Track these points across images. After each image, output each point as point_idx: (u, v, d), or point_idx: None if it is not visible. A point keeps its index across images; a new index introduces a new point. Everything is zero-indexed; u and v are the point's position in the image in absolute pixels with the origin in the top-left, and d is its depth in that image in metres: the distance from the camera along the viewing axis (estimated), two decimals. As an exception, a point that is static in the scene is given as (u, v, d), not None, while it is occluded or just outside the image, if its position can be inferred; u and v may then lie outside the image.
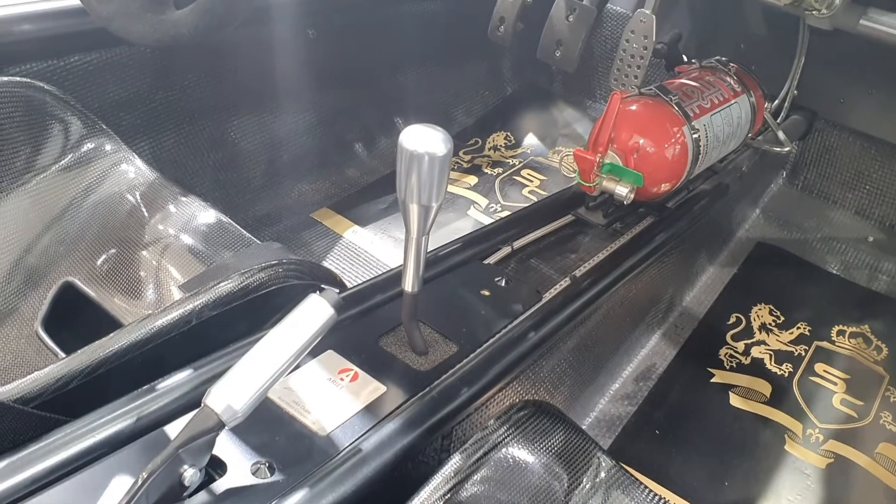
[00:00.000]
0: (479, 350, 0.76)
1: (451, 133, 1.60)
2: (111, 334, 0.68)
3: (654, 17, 1.25)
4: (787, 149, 1.28)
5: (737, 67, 1.22)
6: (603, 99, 1.68)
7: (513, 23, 1.47)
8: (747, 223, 1.43)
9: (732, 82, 1.18)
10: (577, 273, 0.92)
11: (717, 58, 1.25)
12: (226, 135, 1.32)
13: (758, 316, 1.23)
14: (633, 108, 1.03)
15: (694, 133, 1.05)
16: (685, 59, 1.33)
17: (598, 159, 0.98)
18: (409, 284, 0.70)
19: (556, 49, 1.45)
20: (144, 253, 0.99)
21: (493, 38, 1.49)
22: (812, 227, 1.43)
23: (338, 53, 1.42)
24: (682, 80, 1.14)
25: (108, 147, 1.12)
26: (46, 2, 1.12)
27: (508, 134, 1.61)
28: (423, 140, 0.66)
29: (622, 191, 0.99)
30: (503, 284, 0.87)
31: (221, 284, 0.74)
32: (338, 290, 0.82)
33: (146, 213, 1.04)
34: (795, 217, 1.44)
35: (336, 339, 0.73)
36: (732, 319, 1.22)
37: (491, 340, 0.78)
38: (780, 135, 1.31)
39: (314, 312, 0.58)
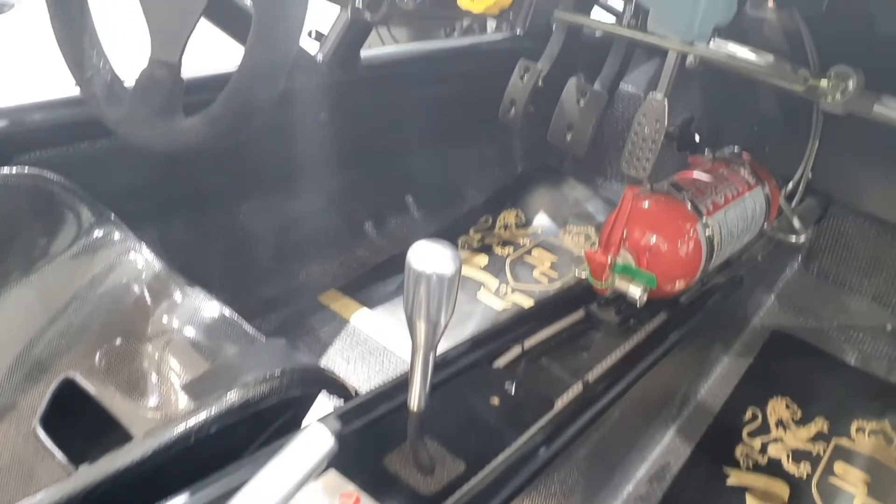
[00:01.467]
0: (487, 468, 0.73)
1: (462, 211, 1.61)
2: (105, 457, 0.66)
3: (666, 101, 1.24)
4: (802, 238, 1.26)
5: (750, 158, 1.21)
6: (615, 178, 1.68)
7: (524, 105, 1.47)
8: (762, 310, 1.40)
9: (746, 174, 1.17)
10: (590, 378, 0.90)
11: (731, 148, 1.24)
12: (234, 219, 1.31)
13: (774, 410, 1.20)
14: (646, 205, 1.02)
15: (707, 230, 1.03)
16: (697, 139, 1.32)
17: (610, 260, 0.97)
18: (414, 402, 0.68)
19: (567, 133, 1.45)
20: (147, 348, 0.97)
21: (504, 120, 1.49)
22: (828, 314, 1.40)
23: (349, 135, 1.43)
24: (695, 175, 1.13)
25: (115, 236, 1.11)
26: (55, 92, 1.14)
27: (519, 212, 1.60)
28: (430, 259, 0.65)
29: (635, 292, 0.98)
30: (513, 391, 0.85)
31: (223, 399, 0.72)
32: (341, 398, 0.79)
33: (151, 306, 1.03)
34: (811, 304, 1.41)
35: (339, 456, 0.71)
36: (748, 415, 1.19)
37: (501, 457, 0.75)
38: (796, 222, 1.29)
39: (313, 445, 0.56)
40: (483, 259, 1.46)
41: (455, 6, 0.86)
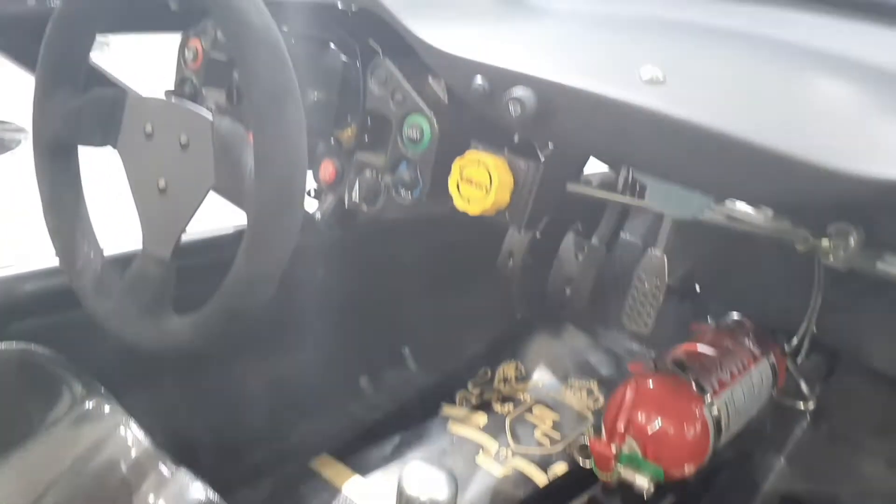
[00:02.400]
0: None
1: (460, 363, 1.57)
2: None
3: (665, 258, 1.23)
4: (811, 404, 1.22)
5: (754, 326, 1.19)
6: (615, 326, 1.65)
7: (521, 257, 1.47)
8: (772, 475, 1.35)
9: (751, 345, 1.14)
10: None
11: (734, 315, 1.22)
12: (225, 381, 1.28)
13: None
14: (650, 389, 0.99)
15: (714, 411, 1.00)
16: (697, 289, 1.30)
17: (615, 451, 0.93)
18: None
19: (566, 287, 1.44)
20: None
21: (502, 270, 1.48)
22: (839, 478, 1.34)
23: (345, 289, 1.41)
24: (699, 349, 1.10)
25: (104, 409, 1.08)
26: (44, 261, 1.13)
27: (519, 364, 1.57)
28: (424, 485, 0.62)
29: (642, 482, 0.93)
30: None
31: None
32: None
33: (134, 488, 0.99)
34: (822, 467, 1.36)
35: None
36: None
37: None
38: (803, 386, 1.26)
39: None
40: (482, 418, 1.42)
41: (448, 198, 0.85)
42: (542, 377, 1.54)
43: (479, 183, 0.80)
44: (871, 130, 0.68)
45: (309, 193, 1.36)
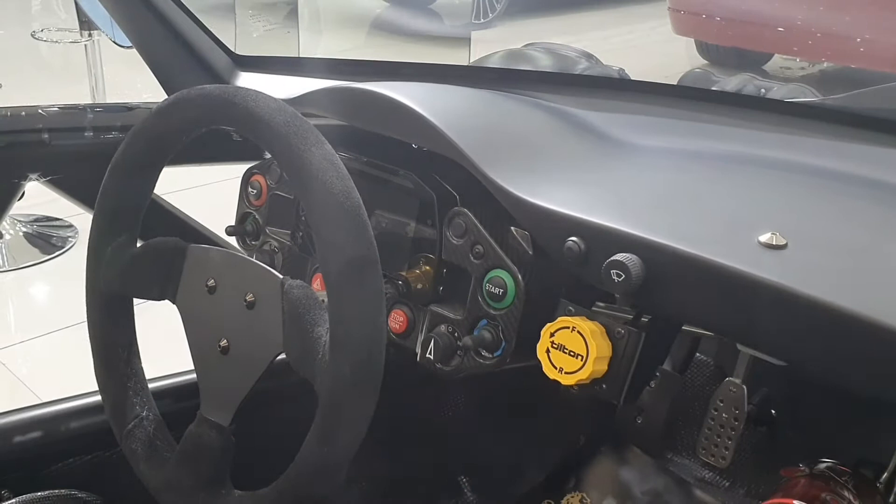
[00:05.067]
0: None
1: (521, 491, 1.47)
2: None
3: (744, 387, 1.14)
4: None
5: (853, 473, 1.08)
6: (687, 454, 1.54)
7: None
8: None
9: (851, 497, 1.03)
10: None
11: (827, 462, 1.12)
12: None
13: None
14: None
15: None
16: (774, 413, 1.20)
17: None
18: None
19: (637, 416, 1.34)
20: None
21: (565, 392, 1.40)
22: None
23: (400, 416, 1.33)
24: (793, 501, 0.99)
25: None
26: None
27: (584, 496, 1.46)
28: None
29: None
30: None
31: None
32: None
33: None
34: None
35: None
36: None
37: None
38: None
39: None
40: (547, 561, 1.32)
41: (534, 357, 0.78)
42: (609, 511, 1.43)
43: (574, 351, 0.73)
44: None
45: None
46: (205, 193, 1.04)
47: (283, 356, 0.72)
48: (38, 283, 2.79)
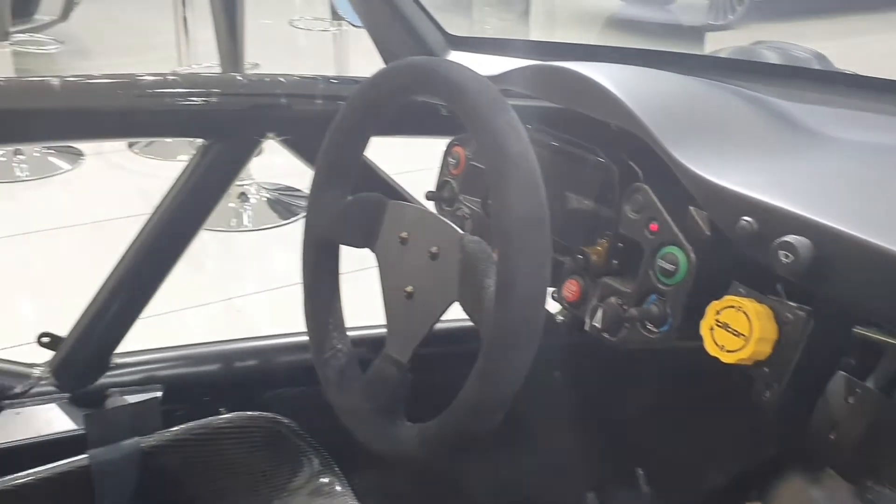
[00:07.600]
0: None
1: (699, 491, 1.44)
2: None
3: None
4: None
5: None
6: (890, 483, 1.42)
7: (781, 389, 1.31)
8: None
9: None
10: None
11: None
12: (451, 474, 1.28)
13: None
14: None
15: None
16: None
17: None
18: None
19: (831, 431, 1.26)
20: None
21: (755, 399, 1.34)
22: None
23: (578, 396, 1.36)
24: None
25: (336, 487, 1.13)
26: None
27: (766, 508, 1.40)
28: None
29: None
30: None
31: None
32: None
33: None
34: None
35: None
36: None
37: None
38: None
39: None
40: (718, 562, 1.28)
41: (698, 337, 0.78)
42: (792, 528, 1.36)
43: (737, 330, 0.73)
44: None
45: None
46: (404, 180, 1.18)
47: (457, 303, 0.79)
48: (274, 243, 3.12)
